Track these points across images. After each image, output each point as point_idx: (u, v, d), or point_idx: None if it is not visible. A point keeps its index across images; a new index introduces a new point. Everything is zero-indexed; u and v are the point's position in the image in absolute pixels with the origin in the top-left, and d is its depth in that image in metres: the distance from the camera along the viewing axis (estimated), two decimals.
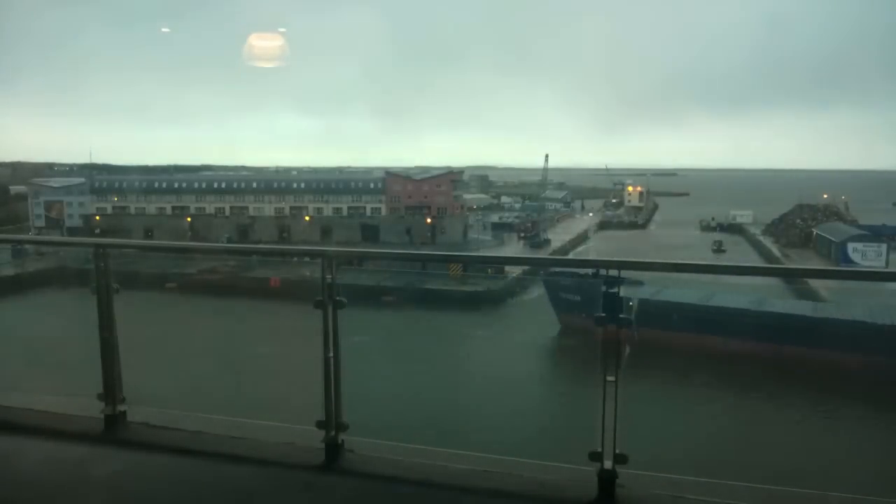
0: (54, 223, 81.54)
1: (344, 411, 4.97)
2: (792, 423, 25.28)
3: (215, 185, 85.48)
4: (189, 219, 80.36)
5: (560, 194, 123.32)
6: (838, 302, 35.93)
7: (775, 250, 75.60)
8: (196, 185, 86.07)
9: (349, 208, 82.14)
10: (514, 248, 79.07)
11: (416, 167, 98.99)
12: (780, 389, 27.00)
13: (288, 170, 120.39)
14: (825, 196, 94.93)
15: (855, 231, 73.56)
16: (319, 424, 4.92)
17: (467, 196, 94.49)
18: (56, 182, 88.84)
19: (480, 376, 28.08)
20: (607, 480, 4.32)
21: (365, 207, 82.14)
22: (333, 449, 4.90)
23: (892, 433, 23.50)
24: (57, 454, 5.10)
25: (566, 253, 72.59)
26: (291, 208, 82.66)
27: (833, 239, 70.73)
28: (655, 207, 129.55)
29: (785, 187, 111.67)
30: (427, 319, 43.63)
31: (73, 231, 78.88)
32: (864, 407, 25.26)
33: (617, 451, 4.32)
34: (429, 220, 78.63)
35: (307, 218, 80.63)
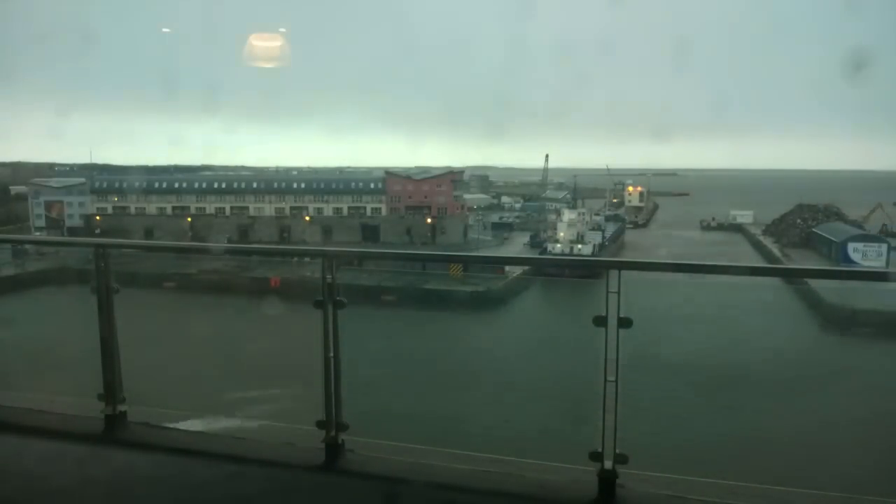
0: (54, 223, 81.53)
1: (344, 411, 4.97)
2: None
3: (215, 185, 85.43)
4: (189, 219, 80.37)
5: (560, 194, 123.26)
6: None
7: (776, 250, 75.59)
8: (196, 185, 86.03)
9: (349, 208, 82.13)
10: (515, 247, 79.17)
11: (416, 167, 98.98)
12: None
13: (288, 170, 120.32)
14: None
15: (855, 231, 73.57)
16: (319, 424, 4.92)
17: (467, 196, 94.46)
18: (56, 182, 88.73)
19: (481, 375, 28.06)
20: (607, 480, 4.32)
21: (365, 207, 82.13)
22: (333, 449, 4.90)
23: None
24: (57, 454, 5.10)
25: None
26: (292, 208, 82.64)
27: (833, 239, 70.76)
28: (656, 207, 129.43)
29: (785, 187, 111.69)
30: (427, 319, 43.64)
31: (73, 231, 78.85)
32: None
33: (617, 451, 4.33)
34: (429, 220, 78.66)
35: (307, 218, 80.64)
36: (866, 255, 65.27)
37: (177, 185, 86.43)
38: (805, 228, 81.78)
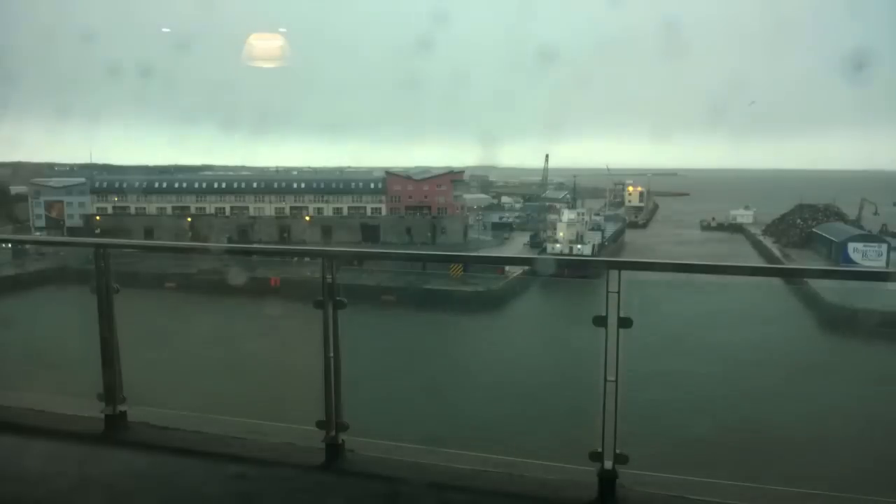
0: (54, 223, 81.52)
1: (344, 411, 4.97)
2: None
3: (215, 185, 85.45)
4: (189, 219, 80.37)
5: (560, 194, 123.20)
6: None
7: (775, 250, 75.58)
8: (196, 185, 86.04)
9: (349, 208, 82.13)
10: (515, 248, 79.26)
11: (416, 167, 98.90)
12: None
13: (288, 170, 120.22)
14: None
15: (855, 231, 73.56)
16: (319, 424, 4.92)
17: (467, 196, 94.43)
18: (56, 182, 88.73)
19: (481, 375, 28.06)
20: (608, 480, 4.32)
21: (365, 207, 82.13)
22: (333, 449, 4.90)
23: None
24: (57, 454, 5.10)
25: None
26: (292, 208, 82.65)
27: (833, 239, 70.74)
28: (656, 207, 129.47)
29: (785, 187, 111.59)
30: (427, 319, 43.64)
31: (73, 231, 78.82)
32: None
33: (617, 451, 4.33)
34: (429, 220, 78.69)
35: (307, 218, 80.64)
36: (866, 256, 65.25)
37: (177, 185, 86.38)
38: (805, 228, 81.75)
